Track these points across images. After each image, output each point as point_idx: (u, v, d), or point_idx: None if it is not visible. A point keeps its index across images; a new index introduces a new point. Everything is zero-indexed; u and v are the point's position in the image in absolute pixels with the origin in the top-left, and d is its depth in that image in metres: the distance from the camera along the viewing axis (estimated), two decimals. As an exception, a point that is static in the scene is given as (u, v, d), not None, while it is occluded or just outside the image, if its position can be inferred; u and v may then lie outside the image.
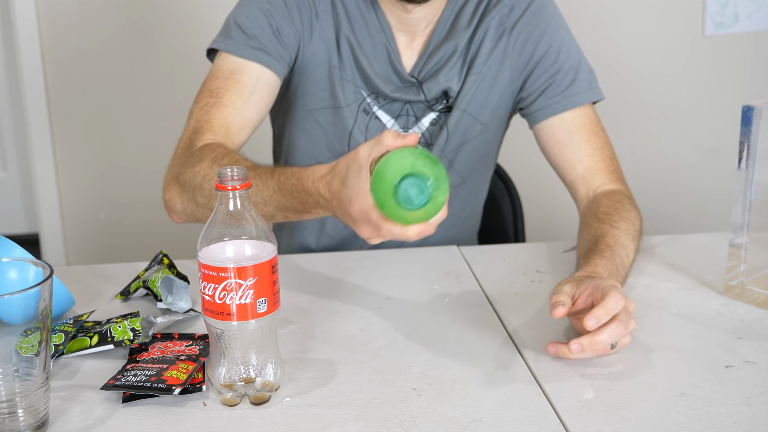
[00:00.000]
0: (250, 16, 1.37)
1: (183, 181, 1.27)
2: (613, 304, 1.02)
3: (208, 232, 0.92)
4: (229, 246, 0.92)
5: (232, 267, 0.91)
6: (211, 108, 1.34)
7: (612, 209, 1.31)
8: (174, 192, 1.30)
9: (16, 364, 0.87)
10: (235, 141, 1.34)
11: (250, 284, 0.91)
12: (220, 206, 0.93)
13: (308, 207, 1.12)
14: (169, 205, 1.32)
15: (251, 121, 1.37)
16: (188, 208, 1.28)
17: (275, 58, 1.37)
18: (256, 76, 1.36)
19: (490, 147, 1.53)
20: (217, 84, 1.36)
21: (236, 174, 0.92)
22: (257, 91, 1.36)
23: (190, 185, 1.25)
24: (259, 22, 1.36)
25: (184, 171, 1.27)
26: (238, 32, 1.37)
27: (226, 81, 1.35)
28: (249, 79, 1.35)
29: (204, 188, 1.23)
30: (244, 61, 1.36)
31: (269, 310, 0.93)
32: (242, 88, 1.35)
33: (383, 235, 0.98)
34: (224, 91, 1.35)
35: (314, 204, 1.10)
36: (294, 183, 1.12)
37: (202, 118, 1.34)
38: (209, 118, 1.33)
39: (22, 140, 3.11)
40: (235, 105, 1.34)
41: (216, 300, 0.92)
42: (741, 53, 2.96)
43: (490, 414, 0.93)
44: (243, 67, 1.36)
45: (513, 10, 1.43)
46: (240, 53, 1.36)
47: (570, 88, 1.42)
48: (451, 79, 1.43)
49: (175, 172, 1.30)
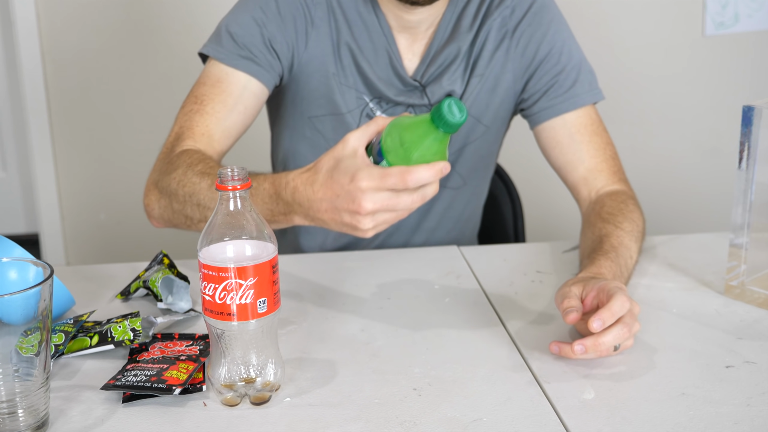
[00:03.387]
0: (242, 24, 1.37)
1: (161, 187, 1.27)
2: (619, 307, 1.02)
3: (208, 232, 0.92)
4: (230, 246, 0.92)
5: (232, 267, 0.91)
6: (195, 115, 1.34)
7: (616, 209, 1.31)
8: (152, 197, 1.30)
9: (16, 364, 0.87)
10: (217, 149, 1.34)
11: (251, 284, 0.91)
12: (220, 206, 0.92)
13: (276, 215, 1.10)
14: (148, 210, 1.33)
15: (234, 130, 1.36)
16: (165, 213, 1.28)
17: (264, 68, 1.36)
18: (242, 86, 1.35)
19: (492, 148, 1.53)
20: (203, 91, 1.36)
21: (236, 174, 0.92)
22: (242, 101, 1.35)
23: (166, 191, 1.26)
24: (250, 30, 1.36)
25: (162, 177, 1.28)
26: (229, 40, 1.36)
27: (212, 89, 1.35)
28: (235, 88, 1.35)
29: (178, 195, 1.23)
30: (231, 70, 1.35)
31: (270, 310, 0.93)
32: (227, 97, 1.35)
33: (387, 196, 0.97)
34: (209, 99, 1.34)
35: (282, 211, 1.08)
36: (266, 188, 1.10)
37: (185, 125, 1.34)
38: (191, 125, 1.33)
39: (22, 140, 3.11)
40: (218, 114, 1.34)
41: (216, 300, 0.92)
42: (741, 53, 2.96)
43: (491, 414, 0.93)
44: (230, 76, 1.35)
45: (515, 11, 1.43)
46: (228, 61, 1.35)
47: (572, 89, 1.42)
48: (454, 82, 1.43)
49: (155, 177, 1.31)
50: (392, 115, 1.44)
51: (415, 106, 1.44)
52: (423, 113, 1.44)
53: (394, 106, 1.44)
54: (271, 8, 1.37)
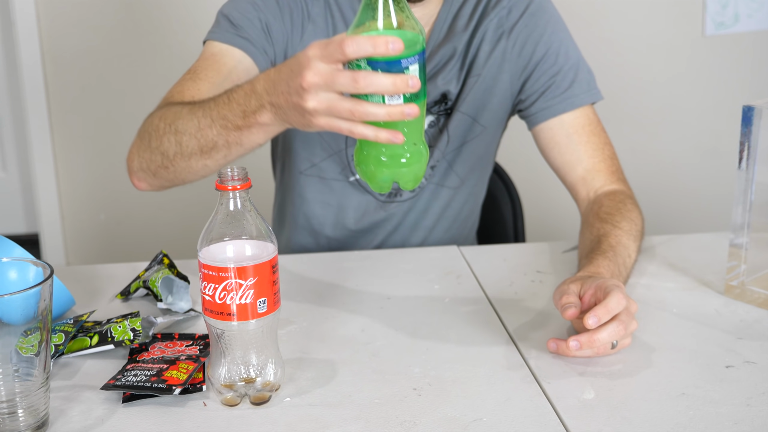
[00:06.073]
0: (239, 9, 1.37)
1: (141, 133, 1.25)
2: (615, 304, 1.02)
3: (208, 232, 0.93)
4: (230, 246, 0.92)
5: (232, 267, 0.91)
6: (187, 82, 1.33)
7: (614, 209, 1.31)
8: (133, 150, 1.27)
9: (16, 364, 0.87)
10: None
11: (251, 284, 0.91)
12: (220, 206, 0.93)
13: (248, 115, 1.05)
14: (129, 165, 1.28)
15: None
16: (143, 161, 1.24)
17: (259, 50, 1.36)
18: (237, 60, 1.35)
19: (489, 148, 1.53)
20: (198, 65, 1.35)
21: (237, 174, 0.92)
22: (236, 72, 1.34)
23: (147, 132, 1.23)
24: (247, 14, 1.37)
25: (143, 125, 1.25)
26: (226, 22, 1.37)
27: (206, 61, 1.35)
28: (229, 60, 1.35)
29: (159, 129, 1.20)
30: (227, 47, 1.35)
31: (269, 310, 0.93)
32: (221, 67, 1.34)
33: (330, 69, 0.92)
34: (202, 69, 1.34)
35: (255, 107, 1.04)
36: (245, 87, 1.07)
37: (175, 90, 1.32)
38: (182, 90, 1.31)
39: (22, 140, 3.11)
40: (211, 80, 1.32)
41: (216, 300, 0.92)
42: (741, 53, 2.96)
43: (491, 414, 0.93)
44: (225, 51, 1.35)
45: (511, 12, 1.43)
46: (224, 40, 1.36)
47: (569, 90, 1.41)
48: (449, 82, 1.43)
49: (138, 130, 1.27)
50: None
51: None
52: None
53: None
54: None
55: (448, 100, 1.44)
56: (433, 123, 1.46)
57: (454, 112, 1.45)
